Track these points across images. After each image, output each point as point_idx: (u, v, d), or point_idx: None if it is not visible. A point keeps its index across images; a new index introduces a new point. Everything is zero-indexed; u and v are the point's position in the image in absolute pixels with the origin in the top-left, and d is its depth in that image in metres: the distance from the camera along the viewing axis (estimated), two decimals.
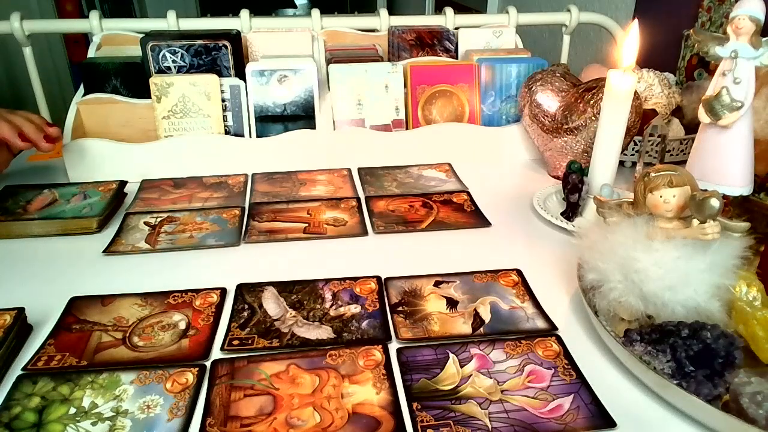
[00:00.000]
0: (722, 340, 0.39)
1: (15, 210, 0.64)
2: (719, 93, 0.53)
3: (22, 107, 0.70)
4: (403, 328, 0.47)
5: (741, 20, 0.51)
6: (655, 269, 0.41)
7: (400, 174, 0.78)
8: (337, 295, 0.51)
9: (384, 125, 0.81)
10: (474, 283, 0.53)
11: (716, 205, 0.39)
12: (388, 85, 0.80)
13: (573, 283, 0.53)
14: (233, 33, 0.79)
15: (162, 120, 0.76)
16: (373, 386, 0.41)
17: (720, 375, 0.38)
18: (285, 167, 0.78)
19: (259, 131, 0.78)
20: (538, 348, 0.45)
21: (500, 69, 0.82)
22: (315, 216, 0.66)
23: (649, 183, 0.43)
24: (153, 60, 0.77)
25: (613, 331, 0.43)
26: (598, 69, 0.90)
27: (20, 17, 0.90)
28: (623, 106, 0.58)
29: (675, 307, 0.41)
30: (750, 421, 0.34)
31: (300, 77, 0.77)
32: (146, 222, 0.64)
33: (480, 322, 0.48)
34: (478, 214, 0.67)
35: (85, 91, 0.79)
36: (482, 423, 0.38)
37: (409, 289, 0.52)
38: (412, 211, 0.67)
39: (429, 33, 0.89)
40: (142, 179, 0.74)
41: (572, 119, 0.70)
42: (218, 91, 0.76)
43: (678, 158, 0.78)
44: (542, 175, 0.79)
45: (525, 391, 0.40)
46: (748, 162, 0.55)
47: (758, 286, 0.42)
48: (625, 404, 0.40)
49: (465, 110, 0.83)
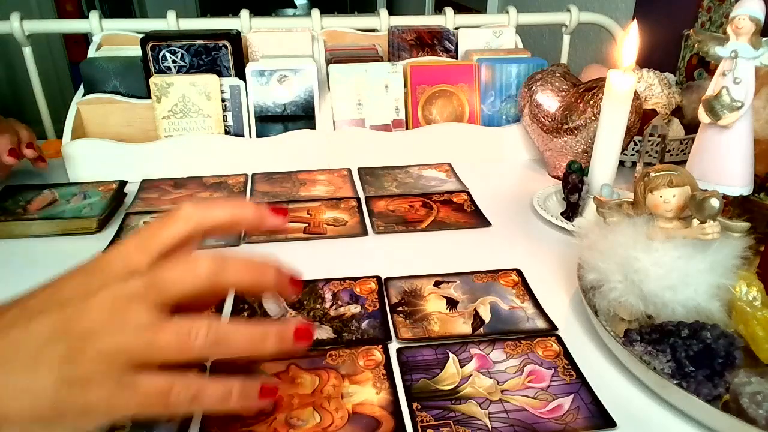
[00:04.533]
0: (722, 340, 0.39)
1: (15, 210, 0.64)
2: (719, 93, 0.53)
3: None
4: (403, 328, 0.47)
5: (741, 20, 0.51)
6: (655, 269, 0.41)
7: (400, 174, 0.78)
8: (337, 295, 0.51)
9: (384, 125, 0.81)
10: (474, 283, 0.53)
11: (716, 205, 0.39)
12: (388, 85, 0.80)
13: (573, 283, 0.53)
14: (233, 33, 0.79)
15: (162, 120, 0.76)
16: (373, 386, 0.41)
17: (720, 375, 0.38)
18: (285, 167, 0.78)
19: (259, 131, 0.78)
20: (538, 348, 0.45)
21: (500, 69, 0.82)
22: (315, 216, 0.66)
23: (649, 183, 0.43)
24: (153, 60, 0.77)
25: (613, 331, 0.43)
26: (598, 69, 0.90)
27: (20, 17, 0.90)
28: (623, 106, 0.58)
29: (675, 307, 0.41)
30: (750, 421, 0.34)
31: (300, 77, 0.78)
32: (146, 222, 0.64)
33: (480, 322, 0.48)
34: (478, 214, 0.67)
35: (85, 91, 0.79)
36: (482, 423, 0.38)
37: (409, 289, 0.52)
38: (412, 211, 0.67)
39: (429, 33, 0.89)
40: (142, 179, 0.74)
41: (572, 119, 0.70)
42: (218, 91, 0.76)
43: (678, 158, 0.78)
44: (542, 175, 0.79)
45: (525, 391, 0.40)
46: (748, 162, 0.55)
47: (758, 286, 0.42)
48: (625, 404, 0.40)
49: (465, 110, 0.83)
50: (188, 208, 0.33)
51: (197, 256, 0.31)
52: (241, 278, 0.32)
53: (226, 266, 0.31)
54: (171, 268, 0.30)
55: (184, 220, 0.33)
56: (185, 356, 0.29)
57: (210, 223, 0.34)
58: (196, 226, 0.33)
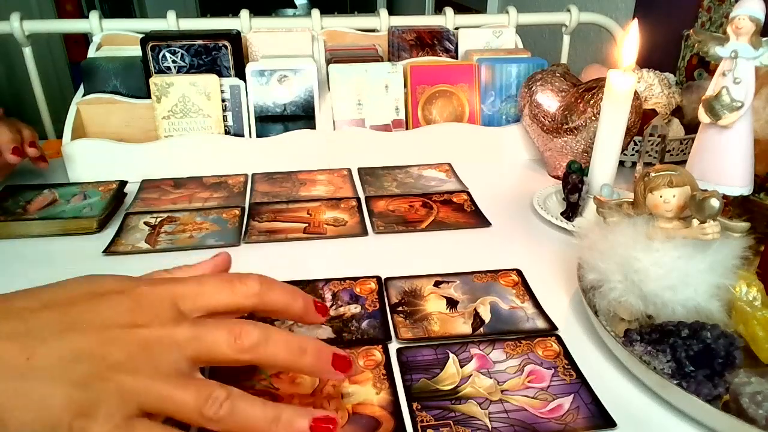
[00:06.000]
0: (722, 340, 0.39)
1: (15, 210, 0.64)
2: (719, 93, 0.53)
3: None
4: (403, 328, 0.47)
5: (741, 20, 0.51)
6: (655, 269, 0.41)
7: (400, 174, 0.78)
8: (337, 295, 0.51)
9: (384, 125, 0.81)
10: (474, 283, 0.53)
11: (716, 205, 0.39)
12: (388, 85, 0.80)
13: (573, 283, 0.53)
14: (233, 33, 0.79)
15: (162, 120, 0.76)
16: (373, 386, 0.41)
17: (720, 375, 0.38)
18: (285, 167, 0.78)
19: (259, 131, 0.78)
20: (538, 348, 0.45)
21: (500, 69, 0.82)
22: (315, 216, 0.66)
23: (649, 183, 0.43)
24: (153, 60, 0.77)
25: (613, 331, 0.43)
26: (598, 69, 0.90)
27: (20, 17, 0.90)
28: (623, 106, 0.58)
29: (675, 307, 0.41)
30: (750, 421, 0.34)
31: (300, 77, 0.78)
32: (146, 222, 0.64)
33: (480, 322, 0.48)
34: (478, 214, 0.67)
35: (85, 91, 0.79)
36: (482, 423, 0.38)
37: (409, 289, 0.52)
38: (412, 211, 0.67)
39: (429, 33, 0.89)
40: (142, 179, 0.74)
41: (572, 119, 0.70)
42: (218, 91, 0.76)
43: (678, 158, 0.78)
44: (542, 175, 0.79)
45: (525, 391, 0.40)
46: (748, 162, 0.55)
47: (758, 286, 0.42)
48: (625, 404, 0.40)
49: (465, 110, 0.83)
50: (255, 286, 0.33)
51: (247, 329, 0.31)
52: (277, 356, 0.31)
53: (269, 343, 0.31)
54: (216, 331, 0.30)
55: (245, 297, 0.33)
56: (195, 421, 0.28)
57: (267, 307, 0.34)
58: (254, 306, 0.33)
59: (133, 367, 0.28)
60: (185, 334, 0.29)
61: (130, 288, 0.31)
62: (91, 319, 0.29)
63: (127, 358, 0.28)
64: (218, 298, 0.32)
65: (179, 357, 0.29)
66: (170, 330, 0.29)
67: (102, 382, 0.27)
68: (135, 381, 0.28)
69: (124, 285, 0.32)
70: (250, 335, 0.30)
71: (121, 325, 0.29)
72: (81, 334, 0.28)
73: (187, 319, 0.31)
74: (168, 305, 0.31)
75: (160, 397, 0.28)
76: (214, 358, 0.30)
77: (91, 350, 0.28)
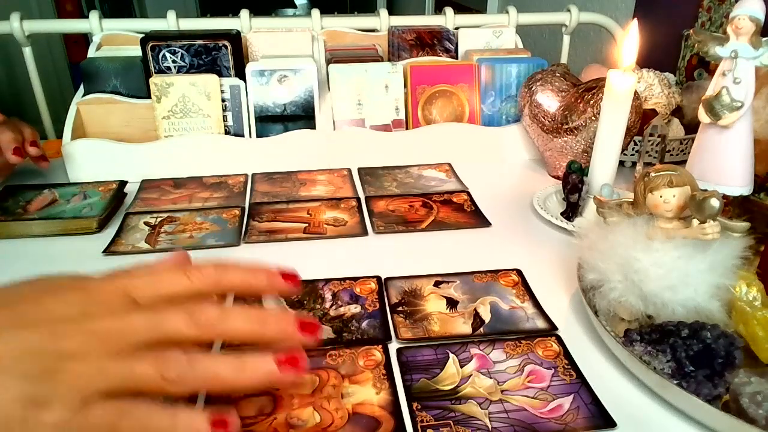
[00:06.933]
0: (722, 340, 0.39)
1: (15, 210, 0.64)
2: (719, 93, 0.53)
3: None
4: (403, 328, 0.47)
5: (741, 20, 0.51)
6: (655, 269, 0.41)
7: (400, 174, 0.78)
8: (337, 295, 0.51)
9: (384, 125, 0.81)
10: (474, 283, 0.53)
11: (716, 205, 0.39)
12: (388, 85, 0.80)
13: (573, 283, 0.53)
14: (233, 33, 0.79)
15: (162, 120, 0.76)
16: (373, 386, 0.41)
17: (720, 375, 0.38)
18: (285, 167, 0.78)
19: (259, 131, 0.78)
20: (538, 348, 0.45)
21: (500, 69, 0.82)
22: (315, 216, 0.66)
23: (649, 183, 0.43)
24: (153, 60, 0.77)
25: (613, 331, 0.43)
26: (598, 69, 0.90)
27: (20, 17, 0.90)
28: (623, 106, 0.58)
29: (675, 307, 0.41)
30: (750, 421, 0.34)
31: (300, 77, 0.78)
32: (146, 222, 0.64)
33: (480, 322, 0.48)
34: (478, 214, 0.67)
35: (85, 91, 0.79)
36: (482, 423, 0.38)
37: (409, 289, 0.52)
38: (412, 211, 0.67)
39: (429, 33, 0.89)
40: (142, 179, 0.74)
41: (572, 119, 0.70)
42: (218, 91, 0.76)
43: (678, 158, 0.78)
44: (542, 175, 0.79)
45: (525, 391, 0.40)
46: (748, 162, 0.55)
47: (758, 286, 0.42)
48: (625, 404, 0.40)
49: (465, 110, 0.83)
50: (210, 269, 0.33)
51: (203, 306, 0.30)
52: (238, 329, 0.31)
53: (229, 318, 0.31)
54: (172, 313, 0.30)
55: (200, 281, 0.32)
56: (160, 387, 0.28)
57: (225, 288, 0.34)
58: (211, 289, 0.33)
59: (84, 352, 0.28)
60: (140, 320, 0.29)
61: (81, 284, 0.31)
62: (42, 315, 0.29)
63: (78, 347, 0.28)
64: (172, 285, 0.32)
65: (136, 341, 0.29)
66: (123, 318, 0.29)
67: (54, 373, 0.27)
68: (87, 365, 0.27)
69: (75, 282, 0.32)
70: (207, 311, 0.30)
71: (73, 318, 0.29)
72: (32, 329, 0.28)
73: (142, 307, 0.30)
74: (120, 295, 0.31)
75: (118, 374, 0.28)
76: (173, 340, 0.29)
77: (42, 344, 0.27)
